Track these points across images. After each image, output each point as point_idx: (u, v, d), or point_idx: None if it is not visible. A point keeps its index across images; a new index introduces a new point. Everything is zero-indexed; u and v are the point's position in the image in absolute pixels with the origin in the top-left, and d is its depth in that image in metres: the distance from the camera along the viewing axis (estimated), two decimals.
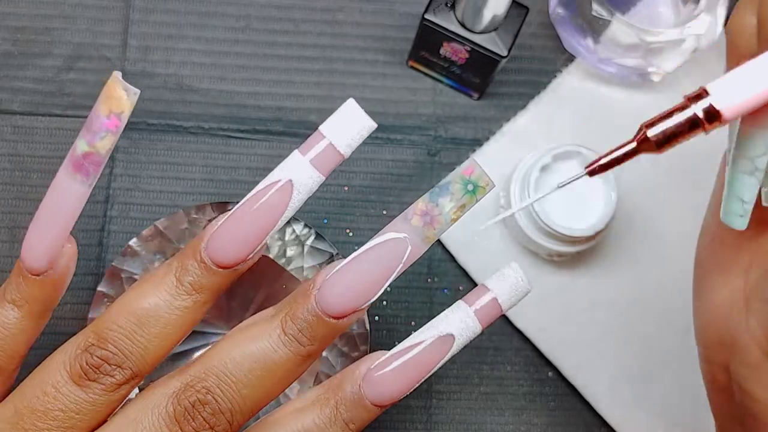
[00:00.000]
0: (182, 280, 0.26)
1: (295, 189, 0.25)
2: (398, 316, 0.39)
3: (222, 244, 0.25)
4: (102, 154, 0.24)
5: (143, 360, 0.25)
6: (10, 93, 0.41)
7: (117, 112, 0.23)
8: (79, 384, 0.24)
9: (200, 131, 0.41)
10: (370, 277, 0.25)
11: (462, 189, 0.24)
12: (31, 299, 0.26)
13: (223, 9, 0.43)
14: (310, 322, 0.25)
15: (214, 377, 0.25)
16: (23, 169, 0.40)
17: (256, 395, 0.25)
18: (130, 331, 0.25)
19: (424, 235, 0.25)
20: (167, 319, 0.25)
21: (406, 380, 0.26)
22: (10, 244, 0.39)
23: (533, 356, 0.40)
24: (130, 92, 0.23)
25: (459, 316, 0.26)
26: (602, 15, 0.40)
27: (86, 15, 0.42)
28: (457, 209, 0.25)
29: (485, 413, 0.40)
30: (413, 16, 0.43)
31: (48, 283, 0.26)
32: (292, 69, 0.42)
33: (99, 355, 0.24)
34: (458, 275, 0.40)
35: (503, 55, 0.38)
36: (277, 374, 0.25)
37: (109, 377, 0.24)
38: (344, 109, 0.25)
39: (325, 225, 0.41)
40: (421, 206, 0.25)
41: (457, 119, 0.43)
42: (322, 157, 0.25)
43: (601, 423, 0.40)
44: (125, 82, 0.23)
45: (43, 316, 0.27)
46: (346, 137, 0.24)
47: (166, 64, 0.42)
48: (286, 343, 0.25)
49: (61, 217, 0.25)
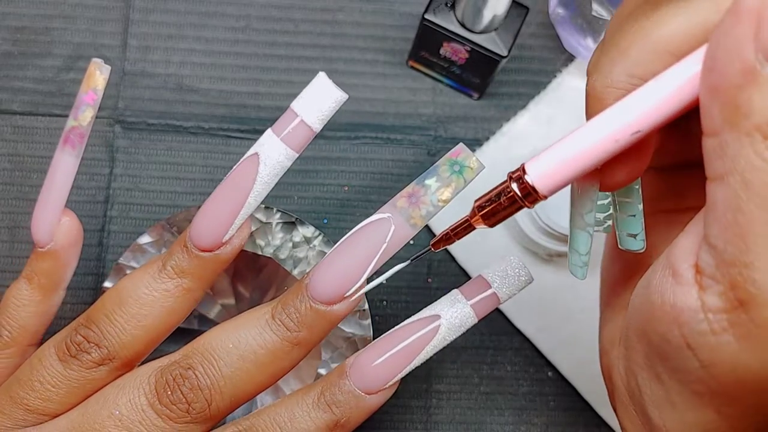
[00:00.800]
0: (165, 264, 0.26)
1: (261, 163, 0.25)
2: (398, 316, 0.39)
3: (200, 225, 0.26)
4: (84, 125, 0.27)
5: (119, 340, 0.26)
6: (10, 93, 0.41)
7: (93, 87, 0.27)
8: (62, 360, 0.26)
9: (200, 131, 0.41)
10: (355, 259, 0.25)
11: (448, 169, 0.24)
12: (39, 272, 0.28)
13: (223, 9, 0.43)
14: (298, 308, 0.25)
15: (199, 355, 0.25)
16: (23, 169, 0.40)
17: (238, 378, 0.25)
18: (110, 311, 0.26)
19: (409, 215, 0.25)
20: (144, 300, 0.26)
21: (393, 364, 0.26)
22: (10, 244, 0.39)
23: (533, 356, 0.40)
24: (104, 69, 0.27)
25: (448, 301, 0.26)
26: (602, 15, 0.40)
27: (86, 15, 0.42)
28: (444, 189, 0.24)
29: (485, 413, 0.40)
30: (413, 16, 0.43)
31: (52, 254, 0.28)
32: (292, 69, 0.42)
33: (82, 334, 0.26)
34: (458, 275, 0.40)
35: (503, 55, 0.38)
36: (261, 359, 0.25)
37: (86, 354, 0.25)
38: (315, 83, 0.25)
39: (325, 225, 0.41)
40: (408, 189, 0.25)
41: (457, 119, 0.43)
42: (293, 133, 0.25)
43: (601, 423, 0.40)
44: (101, 62, 0.27)
45: (53, 291, 0.28)
46: (317, 112, 0.25)
47: (166, 64, 0.42)
48: (273, 328, 0.25)
49: (54, 188, 0.28)
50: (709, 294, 0.18)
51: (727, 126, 0.17)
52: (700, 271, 0.19)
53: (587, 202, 0.22)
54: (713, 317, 0.18)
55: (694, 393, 0.19)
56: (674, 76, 0.19)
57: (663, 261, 0.20)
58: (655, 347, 0.20)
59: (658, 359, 0.20)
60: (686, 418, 0.20)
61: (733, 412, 0.19)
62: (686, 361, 0.19)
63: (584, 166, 0.20)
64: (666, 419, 0.21)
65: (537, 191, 0.21)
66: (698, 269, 0.19)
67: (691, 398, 0.20)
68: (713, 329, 0.18)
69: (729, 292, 0.18)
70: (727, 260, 0.18)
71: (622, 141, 0.20)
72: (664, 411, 0.21)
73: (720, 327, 0.18)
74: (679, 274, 0.19)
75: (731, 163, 0.17)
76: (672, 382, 0.20)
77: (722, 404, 0.19)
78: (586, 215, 0.23)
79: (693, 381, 0.19)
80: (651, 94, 0.19)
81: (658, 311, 0.20)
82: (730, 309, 0.18)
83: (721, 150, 0.17)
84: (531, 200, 0.21)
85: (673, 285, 0.19)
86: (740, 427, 0.20)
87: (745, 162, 0.17)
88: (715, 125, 0.18)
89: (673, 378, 0.20)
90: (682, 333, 0.19)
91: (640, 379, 0.21)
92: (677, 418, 0.20)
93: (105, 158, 0.41)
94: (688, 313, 0.18)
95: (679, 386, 0.20)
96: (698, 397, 0.19)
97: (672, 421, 0.21)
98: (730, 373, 0.18)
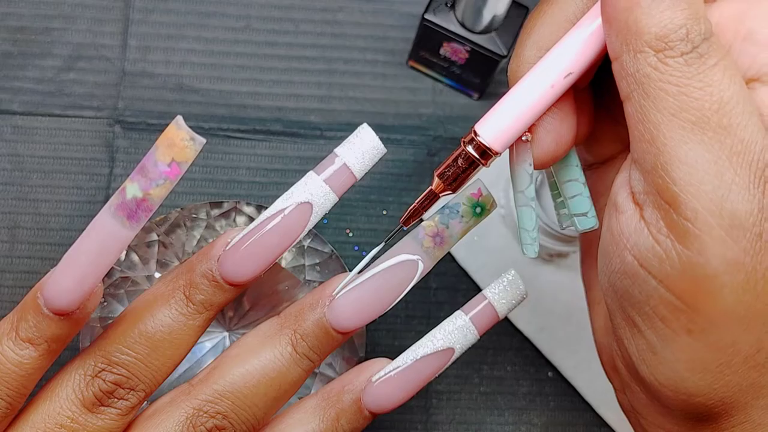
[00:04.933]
0: (193, 299, 0.25)
1: (314, 210, 0.25)
2: (398, 316, 0.39)
3: (237, 262, 0.25)
4: (156, 201, 0.22)
5: (155, 380, 0.25)
6: (10, 93, 0.41)
7: (179, 161, 0.21)
8: (93, 411, 0.24)
9: (200, 131, 0.41)
10: (382, 295, 0.26)
11: (471, 211, 0.26)
12: (50, 338, 0.24)
13: (223, 9, 0.43)
14: (319, 338, 0.26)
15: (229, 402, 0.25)
16: (23, 169, 0.40)
17: (269, 412, 0.25)
18: (144, 355, 0.24)
19: (434, 255, 0.26)
20: (180, 341, 0.25)
21: (405, 391, 0.27)
22: (10, 244, 0.39)
23: (533, 356, 0.40)
24: (197, 141, 0.21)
25: (460, 331, 0.27)
26: None
27: (86, 15, 0.42)
28: (465, 229, 0.26)
29: (485, 413, 0.40)
30: (413, 16, 0.43)
31: (72, 322, 0.24)
32: (292, 69, 0.42)
33: (112, 380, 0.24)
34: (458, 275, 0.40)
35: (503, 55, 0.38)
36: (289, 392, 0.26)
37: (124, 401, 0.24)
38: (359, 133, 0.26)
39: (325, 225, 0.41)
40: (432, 228, 0.26)
41: (457, 119, 0.43)
42: (336, 178, 0.25)
43: (601, 423, 0.40)
44: (189, 129, 0.21)
45: (59, 353, 0.25)
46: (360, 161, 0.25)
47: (166, 64, 0.42)
48: (299, 362, 0.26)
49: (101, 261, 0.23)
50: (646, 210, 0.19)
51: (624, 47, 0.19)
52: (634, 192, 0.20)
53: (525, 176, 0.24)
54: (654, 228, 0.19)
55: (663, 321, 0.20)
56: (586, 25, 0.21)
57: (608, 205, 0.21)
58: (622, 291, 0.21)
59: (628, 303, 0.21)
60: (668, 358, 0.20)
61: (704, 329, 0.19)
62: (645, 285, 0.20)
63: (528, 117, 0.22)
64: (654, 371, 0.21)
65: (490, 148, 0.22)
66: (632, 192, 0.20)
67: (663, 331, 0.20)
68: (657, 239, 0.19)
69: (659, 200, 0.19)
70: (648, 169, 0.19)
71: (558, 85, 0.21)
72: (650, 362, 0.21)
73: (662, 235, 0.19)
74: (620, 204, 0.20)
75: (632, 80, 0.19)
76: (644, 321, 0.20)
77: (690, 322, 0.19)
78: (526, 190, 0.24)
79: (657, 306, 0.20)
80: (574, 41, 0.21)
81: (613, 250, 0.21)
82: (664, 215, 0.19)
83: (623, 70, 0.20)
84: (486, 158, 0.23)
85: (617, 216, 0.20)
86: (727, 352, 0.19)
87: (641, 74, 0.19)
88: (615, 50, 0.20)
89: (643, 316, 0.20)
90: (634, 255, 0.20)
91: (625, 341, 0.22)
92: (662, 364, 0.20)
93: (105, 158, 0.41)
94: (635, 235, 0.20)
95: (650, 322, 0.20)
96: (667, 324, 0.20)
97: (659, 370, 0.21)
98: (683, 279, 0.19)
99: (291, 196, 0.25)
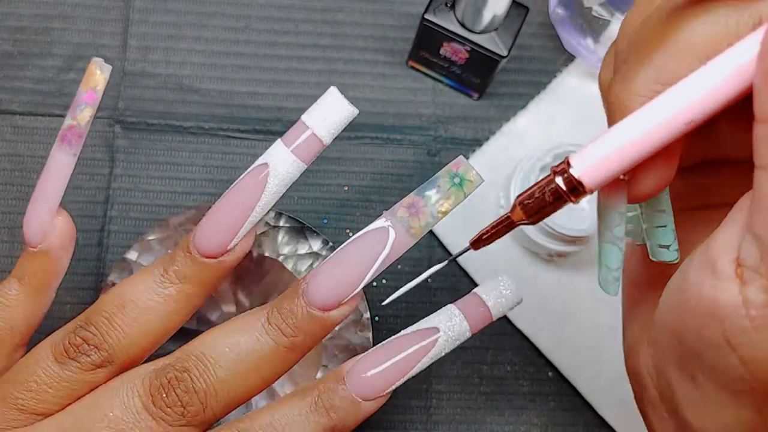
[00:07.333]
0: (168, 269, 0.26)
1: (271, 173, 0.25)
2: (398, 316, 0.39)
3: (205, 232, 0.26)
4: (82, 125, 0.26)
5: (120, 344, 0.25)
6: (10, 93, 0.41)
7: (92, 86, 0.26)
8: (59, 361, 0.25)
9: (200, 131, 0.41)
10: (354, 266, 0.25)
11: (448, 182, 0.25)
12: (29, 272, 0.27)
13: (223, 9, 0.43)
14: (294, 313, 0.25)
15: (194, 358, 0.25)
16: (23, 169, 0.40)
17: (233, 382, 0.25)
18: (111, 314, 0.26)
19: (409, 225, 0.25)
20: (146, 304, 0.26)
21: (391, 374, 0.26)
22: (10, 244, 0.39)
23: (533, 356, 0.40)
24: (104, 68, 0.26)
25: (446, 315, 0.27)
26: (602, 15, 0.40)
27: (86, 15, 0.42)
28: (444, 201, 0.25)
29: (485, 413, 0.40)
30: (413, 16, 0.43)
31: (43, 255, 0.27)
32: (292, 69, 0.42)
33: (81, 335, 0.25)
34: (458, 275, 0.40)
35: (503, 55, 0.38)
36: (257, 363, 0.25)
37: (86, 356, 0.25)
38: (326, 97, 0.25)
39: (325, 225, 0.41)
40: (408, 199, 0.25)
41: (457, 119, 0.43)
42: (303, 145, 0.25)
43: (601, 423, 0.40)
44: (101, 61, 0.26)
45: (43, 292, 0.28)
46: (327, 125, 0.25)
47: (166, 64, 0.42)
48: (269, 332, 0.25)
49: (48, 187, 0.27)
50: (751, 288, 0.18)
51: None
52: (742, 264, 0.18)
53: (615, 215, 0.22)
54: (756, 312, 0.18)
55: (732, 392, 0.19)
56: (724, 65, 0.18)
57: (700, 257, 0.19)
58: (690, 346, 0.20)
59: (693, 358, 0.20)
60: (724, 419, 0.20)
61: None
62: (725, 358, 0.19)
63: (634, 159, 0.19)
64: (703, 420, 0.20)
65: (583, 185, 0.20)
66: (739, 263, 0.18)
67: (729, 398, 0.19)
68: (755, 325, 0.18)
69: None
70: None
71: (676, 132, 0.19)
72: (699, 412, 0.20)
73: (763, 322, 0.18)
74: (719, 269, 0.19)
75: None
76: (708, 381, 0.20)
77: (763, 403, 0.19)
78: (615, 229, 0.22)
79: (731, 380, 0.19)
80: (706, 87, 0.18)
81: (695, 308, 0.19)
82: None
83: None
84: (576, 195, 0.20)
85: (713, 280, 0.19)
86: None
87: None
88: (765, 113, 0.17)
89: (709, 377, 0.19)
90: (723, 329, 0.18)
91: (672, 380, 0.21)
92: (715, 419, 0.20)
93: (105, 158, 0.41)
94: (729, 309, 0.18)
95: (716, 386, 0.19)
96: (737, 396, 0.19)
97: (709, 422, 0.20)
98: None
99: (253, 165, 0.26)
